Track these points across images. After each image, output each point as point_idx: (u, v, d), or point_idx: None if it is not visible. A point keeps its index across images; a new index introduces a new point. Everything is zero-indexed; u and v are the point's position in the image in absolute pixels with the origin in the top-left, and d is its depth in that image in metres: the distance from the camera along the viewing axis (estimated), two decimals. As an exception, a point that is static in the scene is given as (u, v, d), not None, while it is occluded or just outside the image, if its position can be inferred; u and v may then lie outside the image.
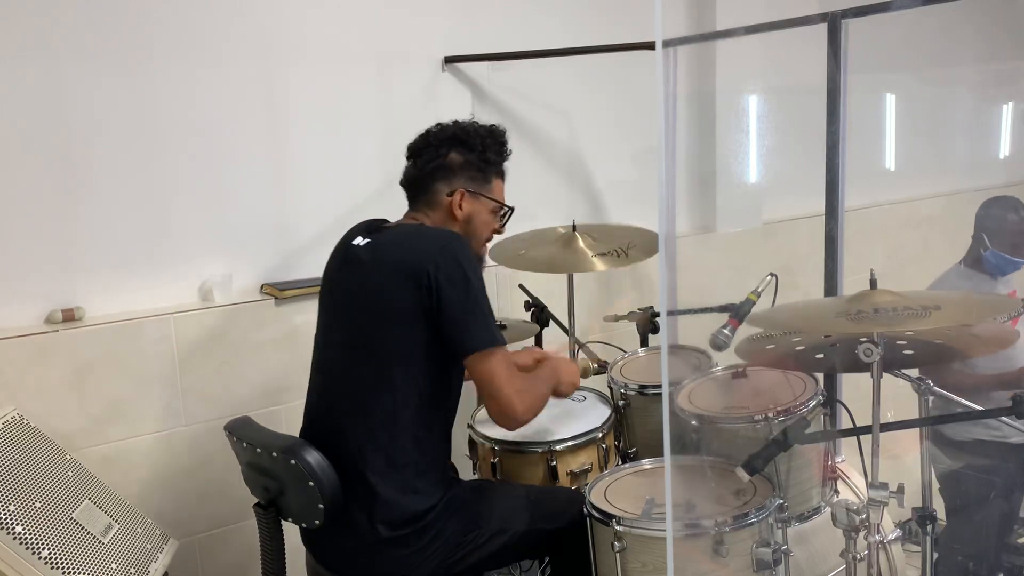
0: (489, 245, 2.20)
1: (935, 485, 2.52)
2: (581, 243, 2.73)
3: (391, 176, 2.17)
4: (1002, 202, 3.10)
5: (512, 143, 3.29)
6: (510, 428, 1.96)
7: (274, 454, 1.90)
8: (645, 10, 3.36)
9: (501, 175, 2.13)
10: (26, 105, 2.39)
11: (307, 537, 2.05)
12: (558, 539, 2.07)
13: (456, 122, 2.09)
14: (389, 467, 1.90)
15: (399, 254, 1.92)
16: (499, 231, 2.16)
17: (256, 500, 2.06)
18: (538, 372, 2.14)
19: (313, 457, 1.86)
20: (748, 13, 2.57)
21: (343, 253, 2.03)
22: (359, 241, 2.00)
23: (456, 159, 2.03)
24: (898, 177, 4.45)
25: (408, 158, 2.09)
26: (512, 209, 2.15)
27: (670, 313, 2.65)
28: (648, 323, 2.83)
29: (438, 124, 2.09)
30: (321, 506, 1.86)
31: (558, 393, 2.16)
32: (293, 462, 1.85)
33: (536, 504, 2.09)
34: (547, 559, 2.41)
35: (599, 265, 2.67)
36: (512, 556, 2.11)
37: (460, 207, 2.02)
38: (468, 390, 2.94)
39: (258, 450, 1.94)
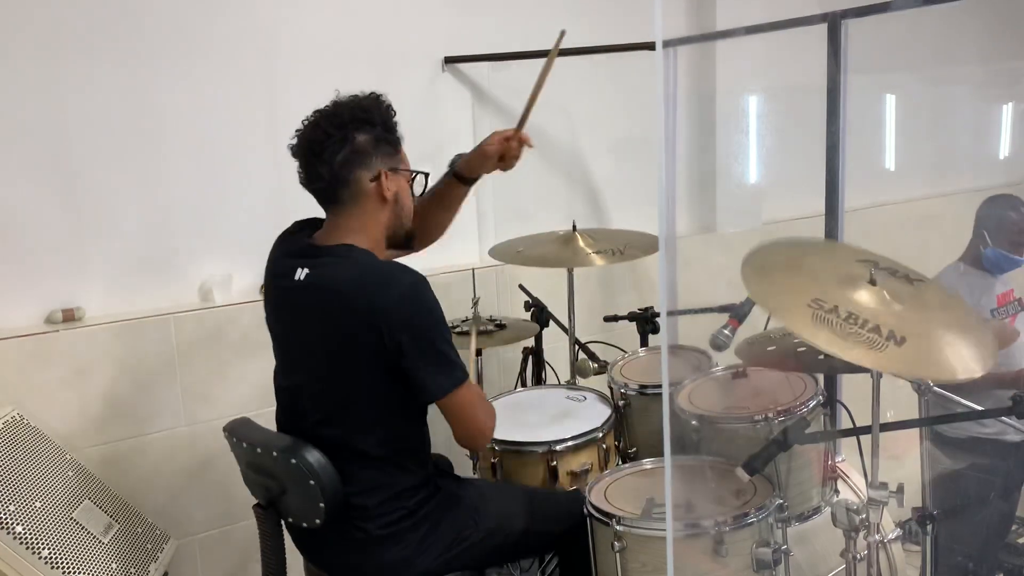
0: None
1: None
2: (580, 242, 2.74)
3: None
4: (1003, 200, 3.10)
5: (512, 143, 3.33)
6: (481, 449, 1.95)
7: (274, 453, 1.90)
8: (645, 10, 3.35)
9: (401, 141, 1.97)
10: (26, 105, 2.39)
11: (301, 541, 2.04)
12: (560, 541, 2.07)
13: (336, 103, 1.90)
14: (365, 481, 1.90)
15: (353, 293, 1.80)
16: (416, 198, 2.02)
17: (256, 501, 2.06)
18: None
19: (313, 456, 1.86)
20: (748, 13, 2.57)
21: (283, 290, 1.92)
22: (299, 275, 1.86)
23: (365, 140, 1.86)
24: (898, 177, 4.45)
25: (307, 157, 1.88)
26: (427, 173, 2.02)
27: (670, 313, 2.64)
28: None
29: (316, 112, 1.90)
30: (322, 505, 1.86)
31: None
32: (294, 461, 1.85)
33: (535, 505, 2.09)
34: (547, 559, 2.42)
35: (597, 261, 2.66)
36: (510, 555, 2.12)
37: (388, 188, 1.89)
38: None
39: (258, 450, 1.94)
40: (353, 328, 1.80)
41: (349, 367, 1.85)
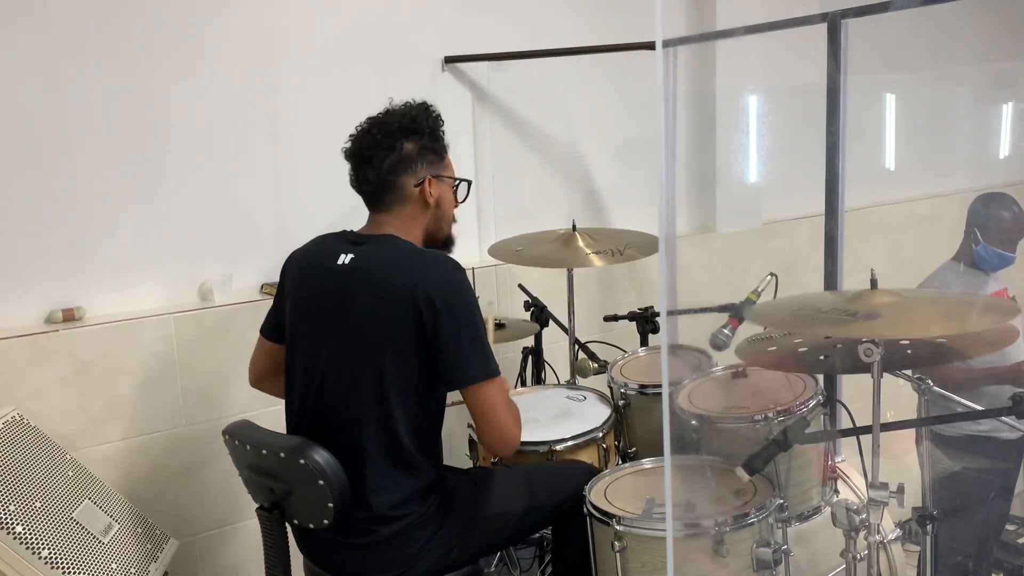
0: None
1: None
2: (580, 242, 2.74)
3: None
4: (994, 198, 3.12)
5: (512, 143, 3.33)
6: (507, 455, 1.99)
7: (282, 455, 1.89)
8: (645, 10, 3.36)
9: (447, 149, 2.08)
10: (26, 105, 2.39)
11: (305, 543, 2.04)
12: (560, 509, 2.09)
13: (389, 111, 2.01)
14: (385, 478, 1.91)
15: (395, 275, 1.89)
16: (458, 205, 2.12)
17: (258, 504, 2.04)
18: None
19: (322, 456, 1.86)
20: (748, 13, 2.57)
21: (326, 275, 1.95)
22: (344, 260, 1.94)
23: (411, 148, 1.98)
24: (898, 177, 4.45)
25: (358, 162, 1.99)
26: (470, 181, 2.12)
27: (670, 313, 2.64)
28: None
29: (369, 120, 2.00)
30: (331, 505, 1.85)
31: None
32: (302, 462, 1.85)
33: (535, 482, 2.11)
34: (547, 560, 2.42)
35: (596, 261, 2.66)
36: (512, 536, 2.13)
37: (431, 194, 2.00)
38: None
39: (264, 452, 1.93)
40: (394, 303, 1.86)
41: (384, 346, 1.87)
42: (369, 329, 1.89)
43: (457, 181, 2.09)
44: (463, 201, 2.13)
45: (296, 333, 2.02)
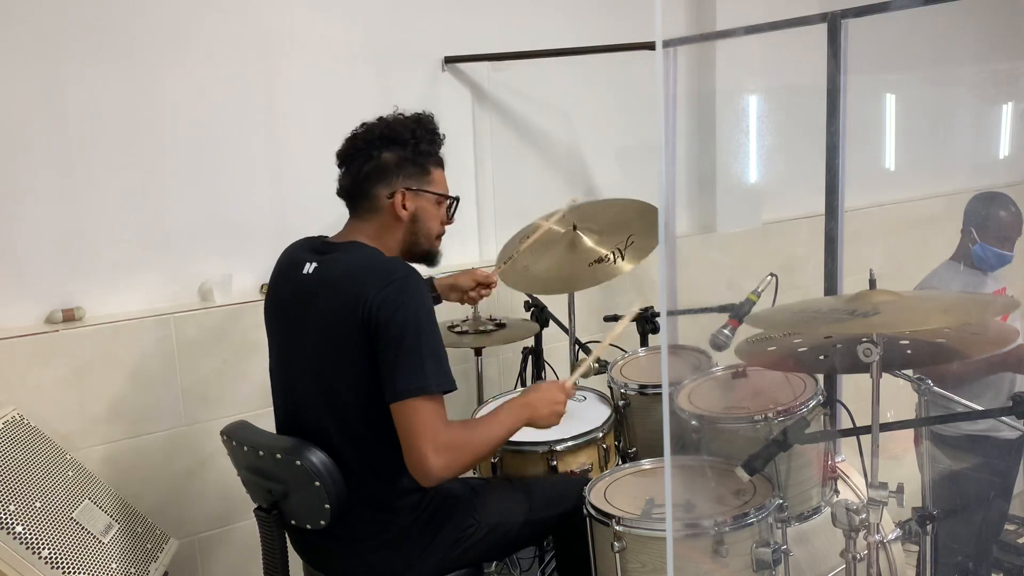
0: (443, 239, 2.08)
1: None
2: (584, 243, 2.71)
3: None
4: (991, 197, 3.12)
5: (512, 143, 3.33)
6: (425, 484, 1.81)
7: (278, 456, 1.89)
8: (645, 10, 3.36)
9: (440, 164, 2.01)
10: (26, 105, 2.39)
11: (302, 545, 2.04)
12: (559, 522, 2.08)
13: (381, 119, 1.98)
14: (365, 483, 1.89)
15: (346, 284, 1.83)
16: (448, 222, 2.05)
17: (256, 505, 2.04)
18: (488, 419, 1.93)
19: (318, 457, 1.86)
20: (748, 13, 2.57)
21: (294, 284, 1.94)
22: (308, 269, 1.91)
23: (390, 158, 1.93)
24: (898, 177, 4.45)
25: (340, 165, 1.99)
26: (457, 199, 2.05)
27: (670, 313, 2.64)
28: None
29: (363, 124, 1.98)
30: (327, 506, 1.85)
31: (535, 425, 1.98)
32: (299, 463, 1.85)
33: (534, 494, 2.10)
34: (547, 560, 2.42)
35: (601, 277, 2.62)
36: (511, 547, 2.12)
37: (404, 207, 1.93)
38: (465, 392, 2.94)
39: (260, 453, 1.93)
40: (345, 312, 1.81)
41: (340, 355, 1.83)
42: (326, 338, 1.85)
43: (448, 200, 2.02)
44: (450, 221, 2.04)
45: (272, 340, 2.03)
